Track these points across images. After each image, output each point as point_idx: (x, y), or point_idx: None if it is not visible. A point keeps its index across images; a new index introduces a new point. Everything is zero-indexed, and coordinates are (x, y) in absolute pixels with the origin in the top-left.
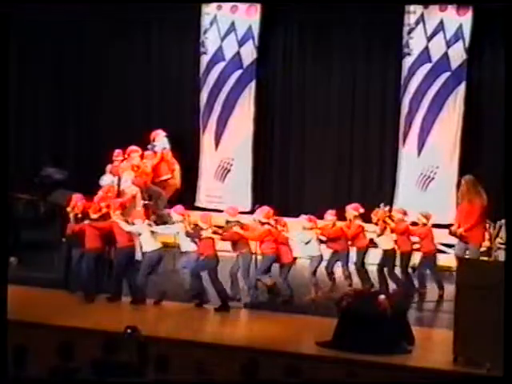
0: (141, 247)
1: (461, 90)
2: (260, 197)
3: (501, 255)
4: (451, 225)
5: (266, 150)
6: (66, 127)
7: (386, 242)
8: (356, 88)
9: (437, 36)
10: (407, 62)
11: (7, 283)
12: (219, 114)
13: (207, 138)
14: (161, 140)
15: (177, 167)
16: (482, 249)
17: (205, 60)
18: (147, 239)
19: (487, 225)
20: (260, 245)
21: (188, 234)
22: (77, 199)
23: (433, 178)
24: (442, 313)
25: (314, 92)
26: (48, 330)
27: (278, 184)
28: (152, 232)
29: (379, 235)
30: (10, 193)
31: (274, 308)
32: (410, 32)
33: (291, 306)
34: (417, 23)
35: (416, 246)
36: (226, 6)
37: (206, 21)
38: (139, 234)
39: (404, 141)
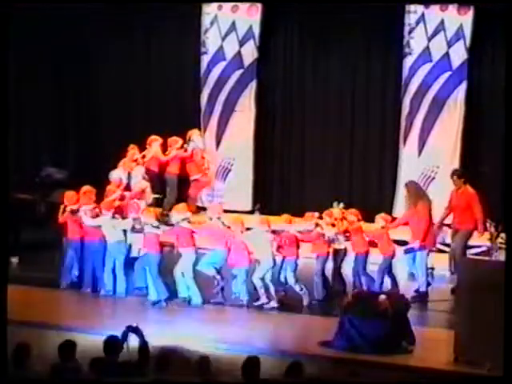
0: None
1: (461, 89)
2: (260, 196)
3: (501, 255)
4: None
5: (267, 150)
6: (65, 127)
7: (339, 241)
8: (356, 88)
9: (437, 36)
10: (408, 61)
11: (7, 283)
12: (220, 113)
13: (208, 138)
14: (194, 139)
15: (211, 167)
16: (483, 249)
17: (205, 60)
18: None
19: (488, 224)
20: (211, 242)
21: (133, 230)
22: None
23: (433, 178)
24: (443, 313)
25: (315, 92)
26: (48, 330)
27: (278, 183)
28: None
29: (343, 233)
30: (11, 193)
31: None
32: (410, 32)
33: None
34: (417, 23)
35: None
36: (227, 5)
37: (206, 20)
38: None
39: (404, 141)
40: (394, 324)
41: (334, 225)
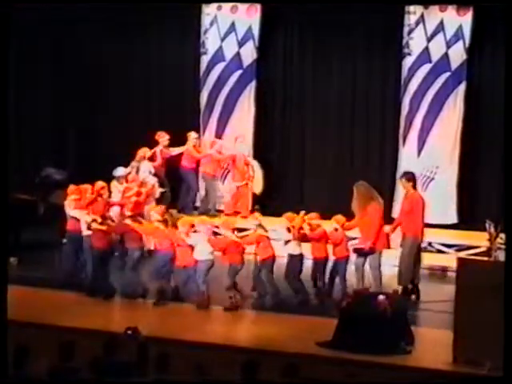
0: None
1: (461, 90)
2: (260, 197)
3: (501, 255)
4: (450, 225)
5: (266, 150)
6: (65, 128)
7: (294, 247)
8: (356, 88)
9: (437, 36)
10: (407, 62)
11: (7, 283)
12: (219, 114)
13: (207, 138)
14: (238, 145)
15: (258, 172)
16: (482, 249)
17: (205, 60)
18: None
19: (487, 225)
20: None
21: (88, 227)
22: None
23: (433, 179)
24: (442, 313)
25: (314, 92)
26: (48, 330)
27: (277, 183)
28: None
29: (287, 241)
30: (10, 193)
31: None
32: (410, 32)
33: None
34: (417, 23)
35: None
36: (226, 6)
37: (206, 21)
38: None
39: (404, 141)
40: (393, 324)
41: (289, 229)
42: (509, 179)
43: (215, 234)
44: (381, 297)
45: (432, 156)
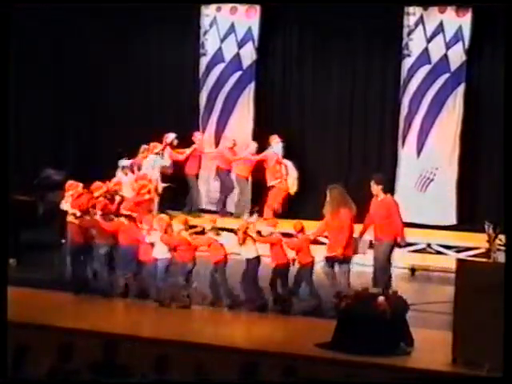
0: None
1: (460, 91)
2: (259, 198)
3: (500, 257)
4: (450, 227)
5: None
6: (65, 128)
7: (249, 251)
8: (355, 89)
9: (436, 37)
10: (407, 63)
11: (7, 284)
12: (219, 114)
13: (207, 139)
14: (273, 145)
15: (292, 173)
16: (481, 250)
17: (204, 61)
18: None
19: (486, 226)
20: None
21: None
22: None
23: (432, 180)
24: (442, 314)
25: (314, 93)
26: (47, 332)
27: None
28: None
29: (240, 245)
30: (10, 194)
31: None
32: (409, 33)
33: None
34: (416, 25)
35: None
36: (226, 7)
37: (205, 22)
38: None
39: (403, 142)
40: (393, 325)
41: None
42: (509, 180)
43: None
44: (380, 298)
45: (431, 157)
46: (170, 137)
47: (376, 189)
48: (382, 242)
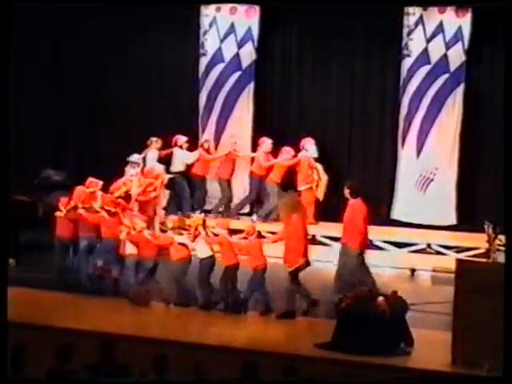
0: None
1: (460, 91)
2: (259, 198)
3: (500, 257)
4: (449, 227)
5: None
6: (65, 129)
7: (202, 250)
8: (355, 89)
9: (436, 38)
10: (406, 63)
11: (7, 285)
12: (218, 114)
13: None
14: (308, 148)
15: (323, 177)
16: (481, 250)
17: (204, 61)
18: None
19: (486, 226)
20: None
21: None
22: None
23: (432, 180)
24: (441, 314)
25: (313, 93)
26: (46, 332)
27: None
28: None
29: (192, 242)
30: (10, 194)
31: None
32: (409, 34)
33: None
34: (416, 25)
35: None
36: (225, 7)
37: (205, 22)
38: None
39: (403, 142)
40: (392, 325)
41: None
42: (509, 180)
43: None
44: (380, 298)
45: (431, 157)
46: (204, 137)
47: (346, 193)
48: (348, 248)
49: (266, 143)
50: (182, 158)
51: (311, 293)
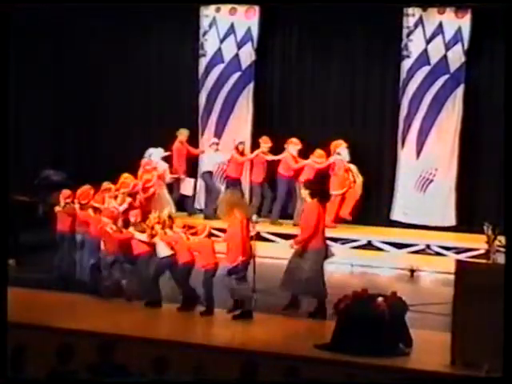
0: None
1: (459, 92)
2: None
3: (499, 258)
4: (449, 228)
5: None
6: (65, 129)
7: (161, 249)
8: (355, 90)
9: (436, 38)
10: (406, 64)
11: (7, 285)
12: (218, 115)
13: (206, 140)
14: (341, 152)
15: (358, 180)
16: (480, 251)
17: (204, 62)
18: None
19: (485, 227)
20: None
21: None
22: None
23: (432, 180)
24: (440, 315)
25: (313, 94)
26: (46, 332)
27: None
28: None
29: (149, 240)
30: (10, 194)
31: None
32: (408, 34)
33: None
34: (416, 26)
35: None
36: (225, 8)
37: (204, 23)
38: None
39: (403, 143)
40: (392, 326)
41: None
42: (509, 181)
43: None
44: (379, 299)
45: (431, 158)
46: (238, 139)
47: (304, 193)
48: (308, 251)
49: (295, 145)
50: (212, 158)
51: (252, 295)
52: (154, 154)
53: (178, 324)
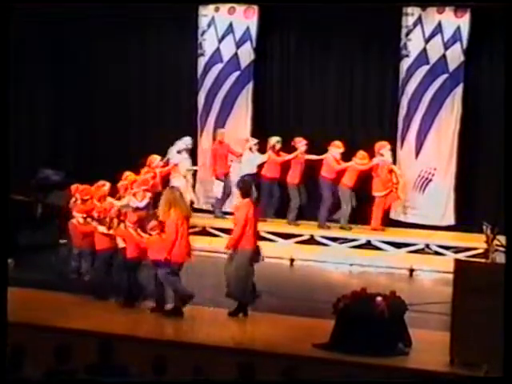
0: None
1: (458, 91)
2: (258, 197)
3: (498, 257)
4: (448, 227)
5: (264, 151)
6: (63, 128)
7: (120, 242)
8: (354, 89)
9: (434, 38)
10: (405, 63)
11: (7, 285)
12: (217, 115)
13: (205, 139)
14: (384, 153)
15: (401, 181)
16: (479, 251)
17: (202, 61)
18: None
19: (484, 227)
20: None
21: None
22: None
23: (431, 180)
24: (440, 315)
25: (312, 93)
26: (45, 332)
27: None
28: None
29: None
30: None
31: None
32: (407, 34)
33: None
34: (415, 25)
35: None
36: (224, 7)
37: (203, 22)
38: None
39: (402, 142)
40: (391, 326)
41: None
42: (509, 180)
43: None
44: (378, 298)
45: (430, 157)
46: (274, 139)
47: (237, 193)
48: (238, 250)
49: (338, 148)
50: (251, 159)
51: (189, 292)
52: (175, 152)
53: (178, 324)
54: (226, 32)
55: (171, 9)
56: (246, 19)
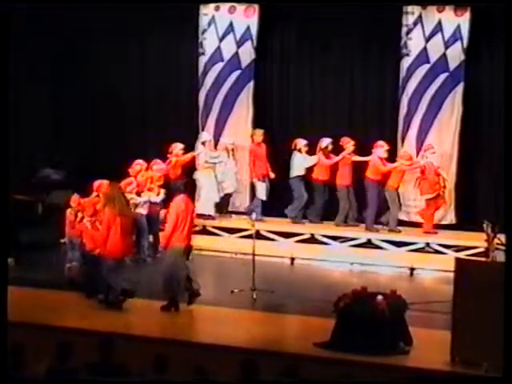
0: None
1: (459, 90)
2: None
3: (498, 256)
4: (449, 226)
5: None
6: (63, 128)
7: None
8: (354, 88)
9: (435, 37)
10: (405, 62)
11: (7, 284)
12: (218, 114)
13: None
14: (428, 156)
15: (448, 185)
16: (480, 249)
17: (203, 61)
18: None
19: (485, 226)
20: None
21: None
22: None
23: None
24: (440, 314)
25: (312, 92)
26: (46, 331)
27: (275, 185)
28: None
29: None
30: (10, 194)
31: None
32: (408, 33)
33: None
34: (415, 24)
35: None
36: (224, 6)
37: (204, 21)
38: None
39: (402, 141)
40: (391, 325)
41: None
42: (509, 180)
43: None
44: (379, 297)
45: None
46: (325, 141)
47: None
48: (174, 247)
49: (382, 148)
50: (301, 161)
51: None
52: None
53: (178, 322)
54: (227, 31)
55: (172, 8)
56: (247, 18)
